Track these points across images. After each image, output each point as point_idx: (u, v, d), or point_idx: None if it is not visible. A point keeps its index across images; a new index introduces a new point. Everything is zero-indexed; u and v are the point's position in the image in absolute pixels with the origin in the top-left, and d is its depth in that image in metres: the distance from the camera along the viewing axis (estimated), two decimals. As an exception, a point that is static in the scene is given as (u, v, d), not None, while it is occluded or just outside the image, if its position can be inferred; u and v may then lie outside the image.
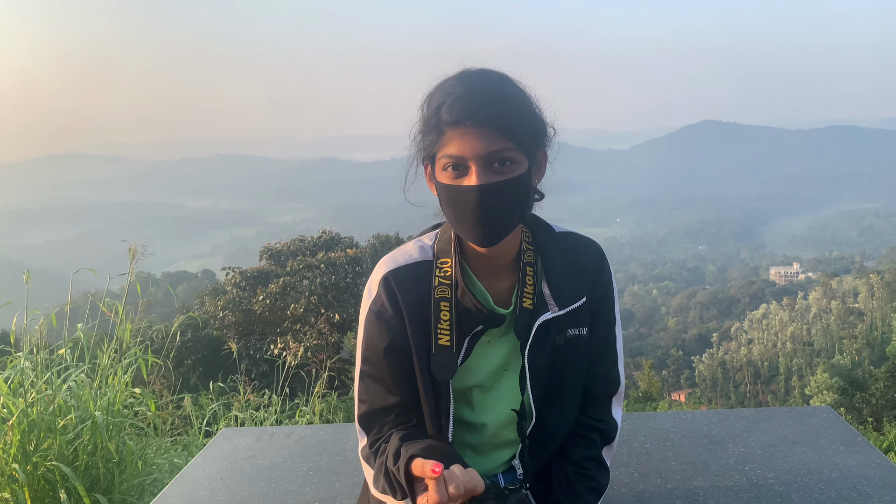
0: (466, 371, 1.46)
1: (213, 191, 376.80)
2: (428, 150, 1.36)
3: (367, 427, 1.48)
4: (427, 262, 1.45)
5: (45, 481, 2.68)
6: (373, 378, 1.46)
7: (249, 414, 4.28)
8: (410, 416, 1.47)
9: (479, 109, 1.27)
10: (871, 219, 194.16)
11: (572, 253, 1.49)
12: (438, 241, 1.48)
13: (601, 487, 1.53)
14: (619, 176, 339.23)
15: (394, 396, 1.45)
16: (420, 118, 1.39)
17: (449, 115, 1.29)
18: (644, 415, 2.67)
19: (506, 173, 1.30)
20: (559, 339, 1.46)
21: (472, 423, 1.51)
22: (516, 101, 1.32)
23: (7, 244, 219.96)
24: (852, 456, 2.16)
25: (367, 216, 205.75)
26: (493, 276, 1.45)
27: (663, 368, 54.09)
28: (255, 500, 2.15)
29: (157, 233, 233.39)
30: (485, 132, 1.27)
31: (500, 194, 1.30)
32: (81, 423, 2.82)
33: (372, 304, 1.45)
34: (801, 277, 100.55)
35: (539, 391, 1.47)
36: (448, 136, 1.30)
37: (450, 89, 1.32)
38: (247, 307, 18.85)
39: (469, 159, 1.29)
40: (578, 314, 1.47)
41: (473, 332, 1.43)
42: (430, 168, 1.40)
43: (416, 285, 1.43)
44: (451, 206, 1.34)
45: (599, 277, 1.51)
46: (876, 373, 20.54)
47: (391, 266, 1.46)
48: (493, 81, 1.32)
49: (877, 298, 57.47)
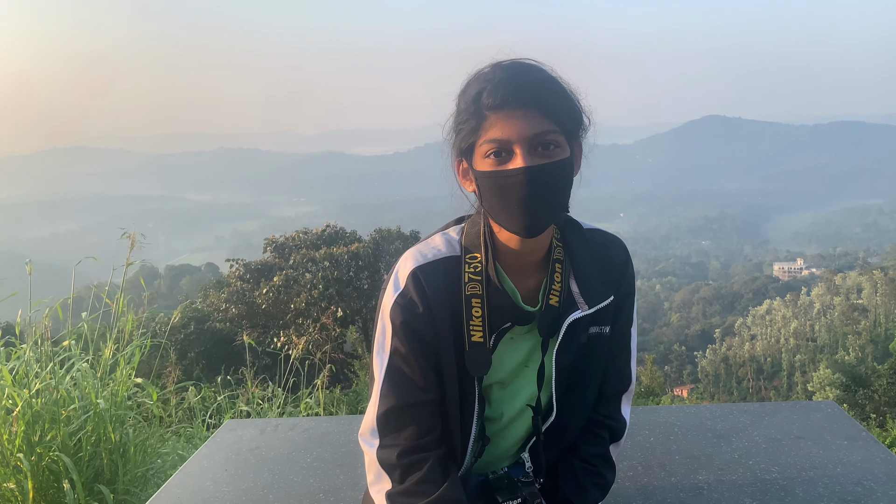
0: (490, 368, 1.44)
1: (217, 184, 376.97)
2: (466, 140, 1.32)
3: (387, 426, 1.40)
4: (455, 257, 1.42)
5: (49, 472, 2.69)
6: (402, 373, 1.40)
7: (255, 406, 4.29)
8: (437, 421, 1.42)
9: (522, 91, 1.25)
10: (875, 215, 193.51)
11: (599, 250, 1.48)
12: (466, 235, 1.44)
13: (608, 484, 1.53)
14: (623, 171, 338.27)
15: (426, 393, 1.40)
16: (454, 113, 1.36)
17: (491, 99, 1.26)
18: (648, 408, 2.67)
19: (551, 156, 1.27)
20: (583, 338, 1.46)
21: (487, 417, 1.50)
22: (557, 85, 1.30)
23: (11, 236, 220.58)
24: (857, 451, 2.16)
25: (369, 210, 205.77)
26: (521, 272, 1.42)
27: (666, 364, 54.05)
28: (259, 491, 2.15)
29: (160, 226, 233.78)
30: (530, 114, 1.25)
31: (547, 177, 1.27)
32: (84, 413, 2.82)
33: (399, 298, 1.40)
34: (804, 273, 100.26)
35: (562, 388, 1.46)
36: (490, 121, 1.27)
37: (489, 76, 1.29)
38: (250, 300, 18.89)
39: (514, 142, 1.26)
40: (604, 312, 1.46)
41: (501, 328, 1.42)
42: (464, 163, 1.36)
43: (445, 281, 1.39)
44: (496, 192, 1.30)
45: (624, 275, 1.50)
46: (879, 369, 20.48)
47: (420, 261, 1.41)
48: (531, 67, 1.30)
49: (880, 295, 57.31)
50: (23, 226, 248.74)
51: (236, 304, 18.89)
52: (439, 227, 1.55)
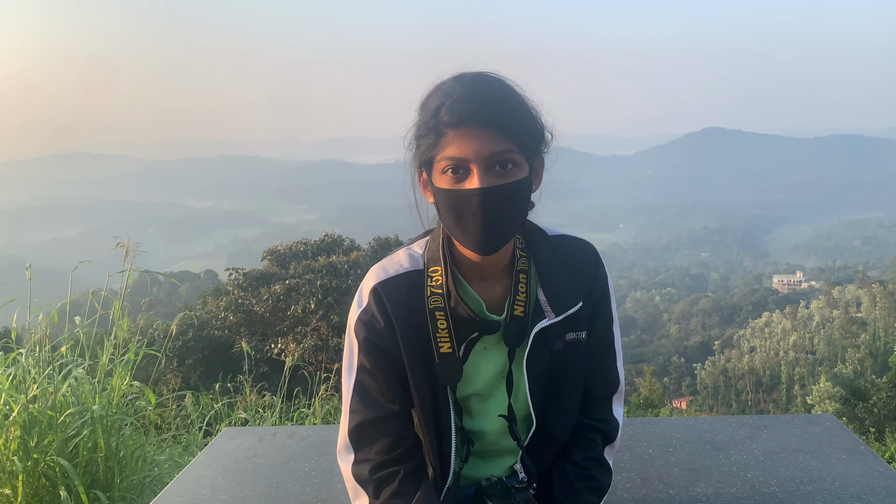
0: (464, 379, 1.44)
1: (217, 191, 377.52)
2: (425, 154, 1.32)
3: (359, 441, 1.44)
4: (418, 271, 1.43)
5: (45, 478, 2.68)
6: (368, 388, 1.43)
7: (253, 414, 4.27)
8: (407, 432, 1.44)
9: (481, 110, 1.25)
10: (875, 228, 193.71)
11: (567, 257, 1.47)
12: (428, 249, 1.45)
13: (603, 487, 1.53)
14: (623, 182, 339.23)
15: (392, 405, 1.42)
16: (415, 123, 1.36)
17: (449, 116, 1.26)
18: (646, 420, 2.66)
19: (508, 176, 1.27)
20: (558, 345, 1.45)
21: (472, 430, 1.50)
22: (517, 103, 1.30)
23: (11, 241, 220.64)
24: (856, 465, 2.15)
25: (369, 218, 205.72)
26: (485, 282, 1.43)
27: (665, 375, 53.96)
28: (256, 500, 2.14)
29: (160, 232, 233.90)
30: (487, 133, 1.25)
31: (503, 197, 1.27)
32: (81, 419, 2.82)
33: (361, 314, 1.42)
34: (804, 286, 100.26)
35: (539, 397, 1.46)
36: (448, 138, 1.27)
37: (448, 90, 1.29)
38: (248, 308, 18.87)
39: (471, 161, 1.26)
40: (576, 318, 1.45)
41: (469, 338, 1.43)
42: (425, 175, 1.37)
43: (407, 296, 1.40)
44: (452, 211, 1.31)
45: (595, 279, 1.49)
46: (878, 383, 20.45)
47: (381, 277, 1.43)
48: (492, 83, 1.30)
49: (879, 308, 57.29)
50: (23, 230, 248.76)
51: (235, 312, 18.88)
52: (406, 241, 1.57)
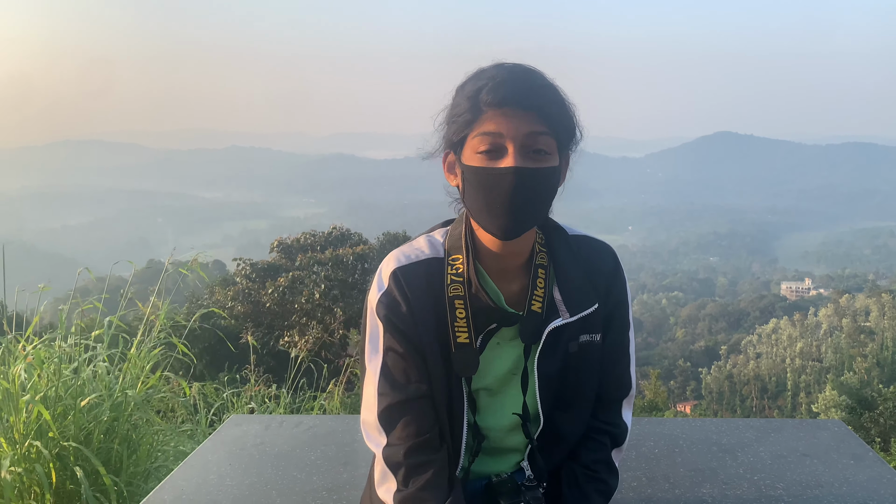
0: (477, 373, 1.43)
1: (227, 182, 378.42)
2: (459, 132, 1.31)
3: (389, 423, 1.40)
4: (438, 258, 1.42)
5: (59, 459, 2.70)
6: (396, 369, 1.41)
7: (259, 404, 4.29)
8: (436, 415, 1.42)
9: (525, 94, 1.25)
10: (885, 237, 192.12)
11: (585, 258, 1.46)
12: (449, 237, 1.44)
13: (610, 490, 1.53)
14: (633, 184, 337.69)
15: (421, 384, 1.40)
16: (449, 106, 1.36)
17: (491, 97, 1.26)
18: (653, 420, 2.66)
19: (541, 162, 1.28)
20: (572, 347, 1.44)
21: (479, 426, 1.50)
22: (557, 96, 1.30)
23: (22, 227, 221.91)
24: (863, 470, 2.15)
25: (377, 213, 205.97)
26: (504, 276, 1.42)
27: (670, 379, 53.79)
28: (262, 487, 2.16)
29: (169, 222, 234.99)
30: (528, 115, 1.25)
31: (535, 180, 1.27)
32: (99, 405, 2.83)
33: (383, 297, 1.41)
34: (812, 293, 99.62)
35: (549, 397, 1.45)
36: (487, 115, 1.27)
37: (490, 74, 1.29)
38: (256, 299, 18.95)
39: (507, 138, 1.26)
40: (591, 320, 1.44)
41: (487, 329, 1.42)
42: (452, 156, 1.36)
43: (427, 283, 1.40)
44: (481, 189, 1.30)
45: (614, 283, 1.48)
46: (885, 392, 20.30)
47: (402, 262, 1.42)
48: (535, 73, 1.31)
49: (888, 318, 56.83)
50: (35, 216, 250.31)
51: (242, 302, 18.96)
52: (425, 229, 1.56)
